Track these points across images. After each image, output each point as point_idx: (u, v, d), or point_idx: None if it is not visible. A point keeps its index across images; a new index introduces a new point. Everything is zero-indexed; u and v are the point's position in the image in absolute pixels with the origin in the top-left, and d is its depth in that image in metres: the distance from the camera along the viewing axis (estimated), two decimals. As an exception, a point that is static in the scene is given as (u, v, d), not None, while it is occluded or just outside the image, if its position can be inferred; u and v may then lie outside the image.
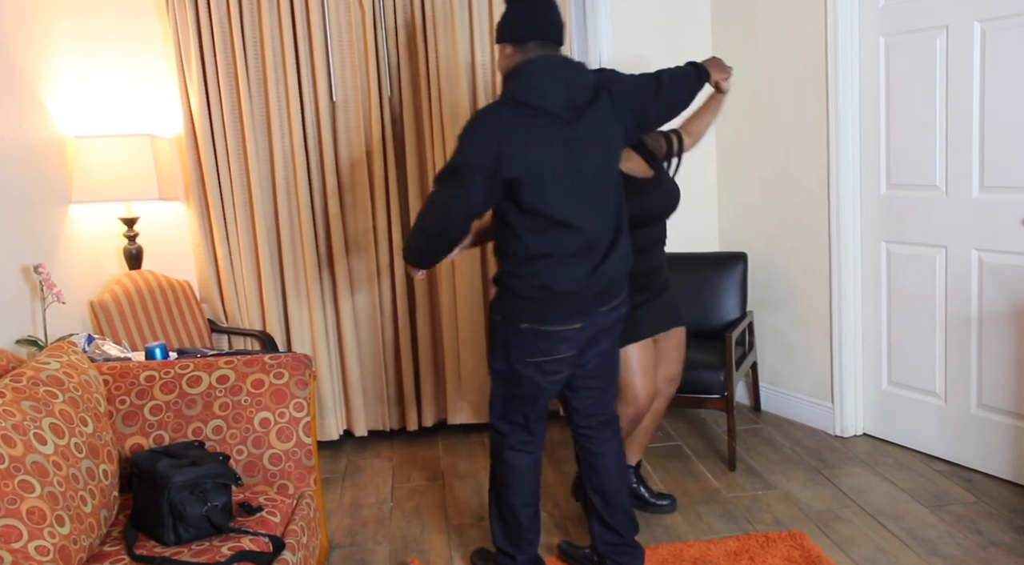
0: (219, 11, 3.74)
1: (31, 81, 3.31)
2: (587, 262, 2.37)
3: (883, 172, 3.59)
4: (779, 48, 3.91)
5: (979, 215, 3.24)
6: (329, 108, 3.89)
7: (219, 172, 3.87)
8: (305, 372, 2.59)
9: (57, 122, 3.52)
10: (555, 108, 2.30)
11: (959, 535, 2.88)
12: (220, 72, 3.78)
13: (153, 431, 2.46)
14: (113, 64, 3.86)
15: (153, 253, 3.91)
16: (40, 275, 3.03)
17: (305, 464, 2.51)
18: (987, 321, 3.26)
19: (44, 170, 3.37)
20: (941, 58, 3.29)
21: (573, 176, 2.33)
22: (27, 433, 1.88)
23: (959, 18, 3.20)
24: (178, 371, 2.55)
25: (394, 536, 3.15)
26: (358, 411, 4.08)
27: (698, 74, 2.75)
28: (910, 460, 3.54)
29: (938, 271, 3.42)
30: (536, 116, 2.29)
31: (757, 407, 4.26)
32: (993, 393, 3.27)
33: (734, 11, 4.18)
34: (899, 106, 3.48)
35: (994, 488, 3.22)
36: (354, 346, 4.03)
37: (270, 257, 3.94)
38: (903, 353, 3.61)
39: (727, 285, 4.03)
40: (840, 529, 2.98)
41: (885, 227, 3.61)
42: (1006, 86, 3.07)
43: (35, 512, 1.76)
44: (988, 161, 3.17)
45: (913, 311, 3.54)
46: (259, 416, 2.49)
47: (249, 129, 3.82)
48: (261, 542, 2.09)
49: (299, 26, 3.81)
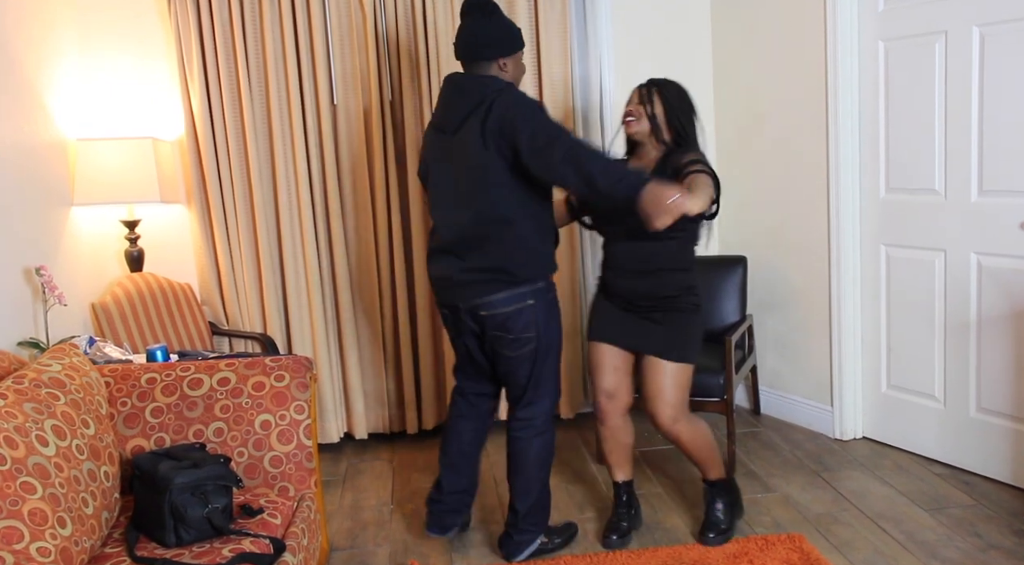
0: (221, 14, 3.75)
1: (33, 83, 3.32)
2: (445, 259, 2.76)
3: (882, 176, 3.60)
4: (779, 52, 3.92)
5: (978, 219, 3.24)
6: (330, 111, 3.90)
7: (220, 175, 3.88)
8: (306, 375, 2.59)
9: (59, 125, 3.53)
10: (439, 122, 2.78)
11: (958, 538, 2.89)
12: (222, 75, 3.80)
13: (154, 433, 2.47)
14: (115, 67, 3.87)
15: (154, 256, 3.91)
16: (42, 277, 3.04)
17: (306, 466, 2.52)
18: (986, 325, 3.27)
19: (46, 173, 3.38)
20: (940, 63, 3.30)
21: (440, 183, 2.77)
22: (29, 435, 1.89)
23: (958, 23, 3.21)
24: (179, 373, 2.56)
25: (394, 538, 3.15)
26: (359, 414, 4.08)
27: (626, 180, 2.46)
28: (909, 463, 3.54)
29: (937, 275, 3.43)
30: (432, 128, 2.82)
31: (757, 410, 4.27)
32: (992, 396, 3.28)
33: (734, 16, 4.19)
34: (898, 110, 3.49)
35: (993, 491, 3.23)
36: (355, 349, 4.04)
37: (271, 260, 3.95)
38: (902, 356, 3.62)
39: (727, 288, 4.03)
40: (839, 532, 2.99)
41: (884, 231, 3.62)
42: (1005, 91, 3.08)
43: (37, 513, 1.76)
44: (987, 165, 3.18)
45: (912, 315, 3.55)
46: (260, 418, 2.50)
47: (250, 132, 3.83)
48: (262, 544, 2.10)
49: (300, 29, 3.82)
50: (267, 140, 3.91)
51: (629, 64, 4.26)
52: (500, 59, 2.71)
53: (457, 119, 2.68)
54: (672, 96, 2.85)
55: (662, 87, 2.86)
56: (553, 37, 3.99)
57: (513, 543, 2.88)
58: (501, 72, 2.72)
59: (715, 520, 2.96)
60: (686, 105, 2.86)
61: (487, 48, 2.69)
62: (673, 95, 2.85)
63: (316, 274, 3.96)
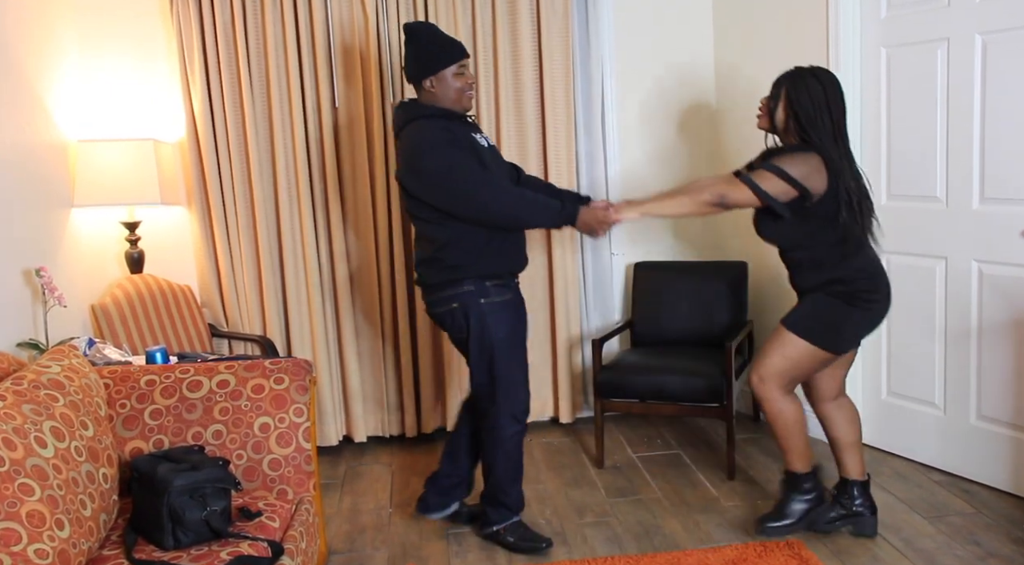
0: (222, 15, 3.75)
1: (34, 84, 3.32)
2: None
3: (884, 183, 3.59)
4: (781, 58, 3.91)
5: (979, 226, 3.24)
6: (331, 113, 3.90)
7: (221, 177, 3.88)
8: (305, 377, 2.59)
9: (60, 126, 3.53)
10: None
11: (957, 546, 2.88)
12: (223, 76, 3.80)
13: (153, 435, 2.47)
14: (116, 68, 3.87)
15: (154, 257, 3.91)
16: (42, 278, 3.04)
17: (304, 469, 2.51)
18: (987, 332, 3.26)
19: (46, 174, 3.38)
20: (942, 70, 3.30)
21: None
22: (27, 436, 1.89)
23: (960, 31, 3.21)
24: (178, 375, 2.55)
25: (393, 542, 3.15)
26: (358, 417, 4.08)
27: (546, 212, 2.88)
28: (909, 471, 3.54)
29: (938, 282, 3.43)
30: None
31: (756, 416, 4.26)
32: (992, 404, 3.27)
33: (736, 22, 4.19)
34: (900, 117, 3.49)
35: (993, 499, 3.22)
36: (354, 352, 4.04)
37: (271, 262, 3.95)
38: (903, 363, 3.62)
39: (727, 294, 4.03)
40: (838, 539, 2.98)
41: (886, 237, 3.61)
42: (1007, 98, 3.08)
43: (35, 515, 1.76)
44: (988, 173, 3.18)
45: (913, 322, 3.55)
46: (259, 421, 2.49)
47: (251, 134, 3.83)
48: (260, 547, 2.09)
49: (302, 31, 3.83)
50: (268, 142, 3.91)
51: (631, 66, 4.26)
52: (424, 80, 2.89)
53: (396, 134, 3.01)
54: (800, 90, 2.73)
55: (795, 80, 2.75)
56: (554, 36, 3.99)
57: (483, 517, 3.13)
58: (431, 91, 2.89)
59: (774, 512, 3.03)
60: (817, 99, 2.71)
61: (409, 71, 2.93)
62: (802, 89, 2.73)
63: (316, 277, 3.96)
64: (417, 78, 2.90)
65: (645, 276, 4.19)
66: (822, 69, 2.77)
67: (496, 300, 2.91)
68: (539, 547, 3.02)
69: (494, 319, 2.90)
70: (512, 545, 3.03)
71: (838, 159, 2.72)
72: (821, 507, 3.01)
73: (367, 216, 3.96)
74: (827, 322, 2.83)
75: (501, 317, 2.91)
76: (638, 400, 3.68)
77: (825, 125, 2.72)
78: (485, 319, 2.89)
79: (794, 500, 3.01)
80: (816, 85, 2.73)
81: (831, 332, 2.84)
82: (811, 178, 2.71)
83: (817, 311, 2.85)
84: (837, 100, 2.74)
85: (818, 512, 3.00)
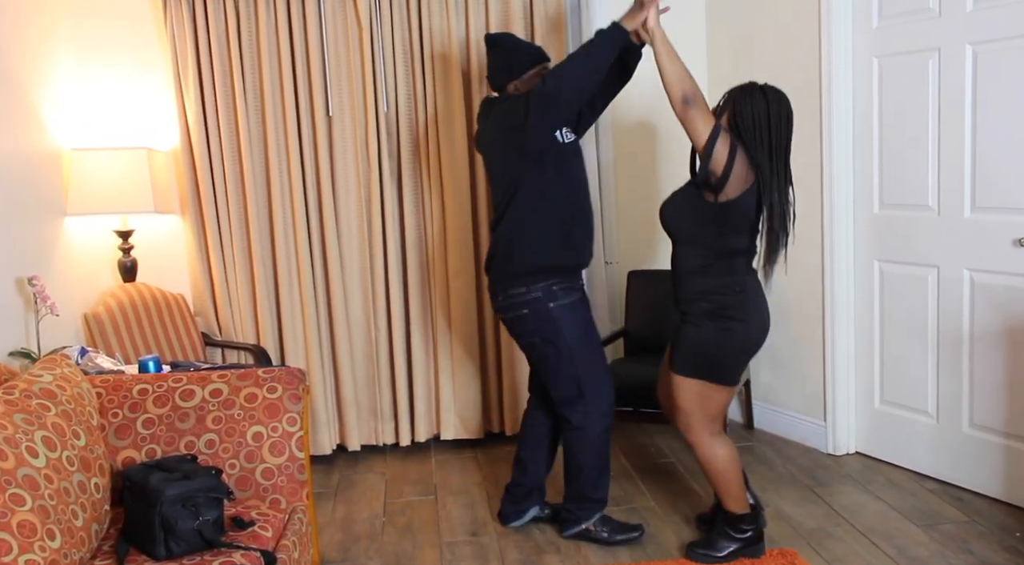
0: (217, 25, 3.76)
1: (27, 93, 3.32)
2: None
3: (876, 192, 3.61)
4: (773, 68, 3.94)
5: (971, 235, 3.26)
6: (325, 122, 3.90)
7: (215, 185, 3.88)
8: (299, 386, 2.59)
9: (53, 134, 3.53)
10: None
11: (950, 554, 2.89)
12: (217, 85, 3.80)
13: (145, 444, 2.46)
14: (110, 77, 3.87)
15: (147, 266, 3.90)
16: (34, 287, 3.03)
17: (298, 478, 2.50)
18: (979, 341, 3.27)
19: (39, 182, 3.38)
20: (934, 80, 3.32)
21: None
22: (19, 446, 1.88)
23: (952, 41, 3.23)
24: (171, 384, 2.55)
25: (386, 551, 3.14)
26: (351, 425, 4.07)
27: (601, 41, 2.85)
28: (902, 479, 3.54)
29: (930, 290, 3.44)
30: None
31: (750, 425, 4.27)
32: (985, 412, 3.28)
33: (728, 31, 4.21)
34: (892, 127, 3.51)
35: (985, 507, 3.23)
36: (348, 360, 4.03)
37: (264, 271, 3.94)
38: (895, 372, 3.63)
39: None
40: (832, 547, 2.98)
41: (878, 246, 3.63)
42: (998, 108, 3.10)
43: (26, 526, 1.75)
44: (980, 182, 3.20)
45: (905, 330, 3.56)
46: (252, 430, 2.49)
47: (245, 143, 3.83)
48: (252, 557, 2.08)
49: (296, 40, 3.83)
50: (262, 150, 3.91)
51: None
52: (508, 84, 3.07)
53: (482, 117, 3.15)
54: (744, 104, 2.72)
55: (743, 94, 2.75)
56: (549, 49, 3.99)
57: (562, 518, 3.16)
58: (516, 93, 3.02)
59: (705, 541, 2.95)
60: (759, 116, 2.70)
61: (497, 78, 3.09)
62: (746, 104, 2.72)
63: (310, 285, 3.95)
64: (502, 83, 3.08)
65: (640, 285, 4.20)
66: (774, 88, 2.75)
67: (564, 302, 2.95)
68: (633, 536, 3.07)
69: (565, 322, 2.94)
70: (607, 539, 3.06)
71: (768, 175, 2.71)
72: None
73: (361, 223, 3.96)
74: (707, 356, 2.80)
75: (573, 317, 2.95)
76: (632, 409, 3.68)
77: (762, 141, 2.70)
78: (557, 323, 2.93)
79: (727, 536, 2.91)
80: (761, 102, 2.71)
81: (715, 366, 2.80)
82: (736, 178, 2.70)
83: (693, 348, 2.80)
84: (780, 120, 2.72)
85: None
